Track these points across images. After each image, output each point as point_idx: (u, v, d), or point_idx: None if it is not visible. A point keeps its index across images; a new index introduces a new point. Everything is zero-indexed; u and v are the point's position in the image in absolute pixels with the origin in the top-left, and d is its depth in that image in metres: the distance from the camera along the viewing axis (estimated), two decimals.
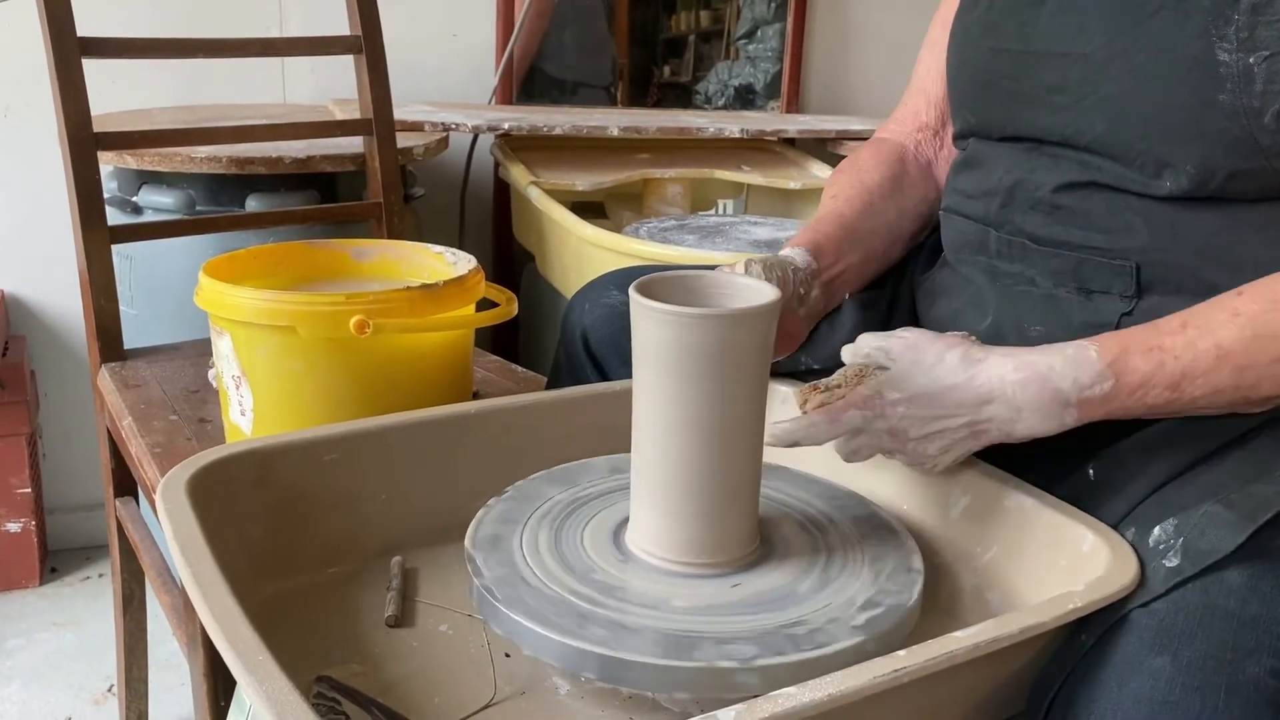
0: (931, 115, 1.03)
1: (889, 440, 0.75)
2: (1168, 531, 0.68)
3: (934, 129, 1.03)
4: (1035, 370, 0.72)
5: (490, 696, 0.68)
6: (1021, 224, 0.83)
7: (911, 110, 1.05)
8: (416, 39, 2.05)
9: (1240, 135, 0.71)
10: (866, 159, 1.02)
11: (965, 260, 0.89)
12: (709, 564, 0.72)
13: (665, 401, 0.69)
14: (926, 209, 1.02)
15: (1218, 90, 0.71)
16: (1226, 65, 0.70)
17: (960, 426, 0.74)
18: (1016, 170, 0.83)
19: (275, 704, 0.52)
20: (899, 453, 0.76)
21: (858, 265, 0.95)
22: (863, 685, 0.55)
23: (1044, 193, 0.81)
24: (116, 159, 1.58)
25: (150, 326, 1.54)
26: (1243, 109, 0.70)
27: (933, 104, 1.03)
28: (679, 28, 2.52)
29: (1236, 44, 0.70)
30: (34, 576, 1.92)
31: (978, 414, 0.73)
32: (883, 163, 1.01)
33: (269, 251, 1.07)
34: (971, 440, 0.75)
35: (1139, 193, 0.76)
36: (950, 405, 0.73)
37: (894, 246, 1.00)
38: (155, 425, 1.10)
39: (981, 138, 0.89)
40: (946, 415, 0.74)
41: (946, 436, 0.74)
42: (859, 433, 0.76)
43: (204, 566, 0.63)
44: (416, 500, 0.83)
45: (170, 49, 1.45)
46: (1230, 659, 0.61)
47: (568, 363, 1.04)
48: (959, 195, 0.90)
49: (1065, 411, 0.72)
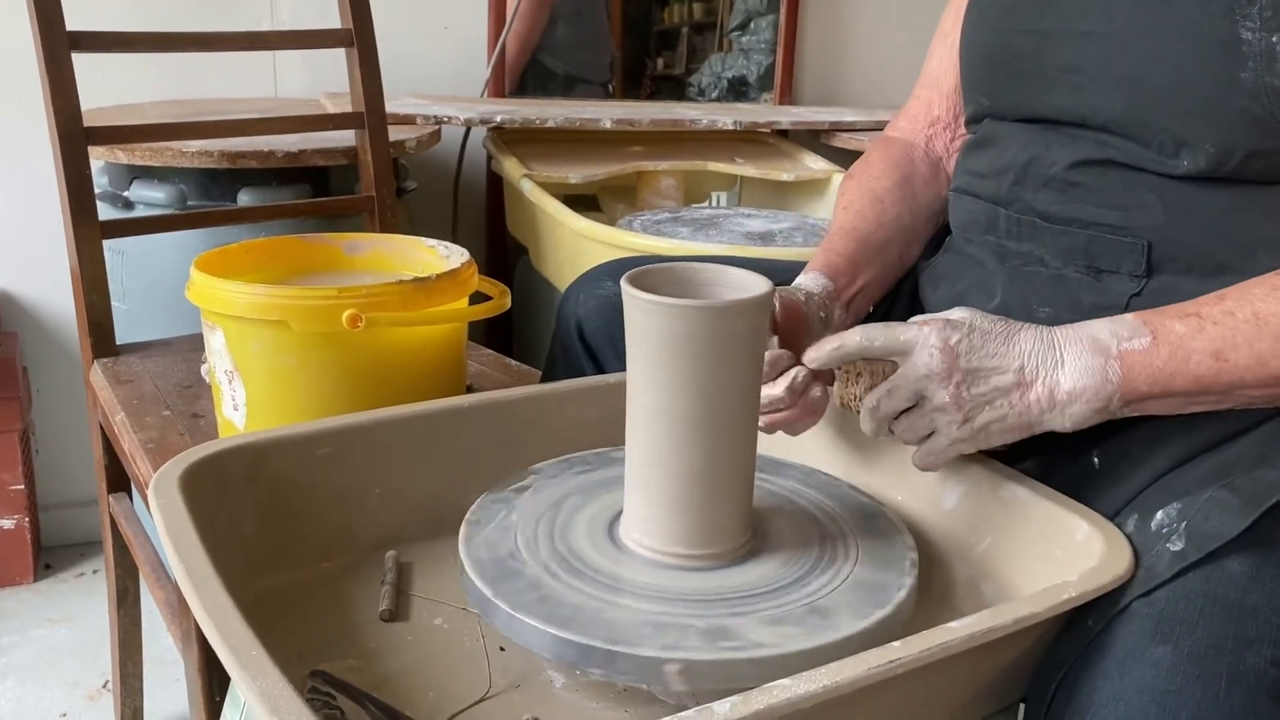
0: (944, 108, 1.02)
1: (944, 414, 0.73)
2: (1171, 516, 0.68)
3: (946, 122, 1.03)
4: (1076, 326, 0.72)
5: (485, 690, 0.68)
6: (1033, 201, 0.83)
7: (924, 103, 1.04)
8: (408, 32, 2.04)
9: (1260, 114, 0.71)
10: (876, 163, 1.01)
11: (973, 240, 0.89)
12: (703, 555, 0.72)
13: (658, 393, 0.69)
14: (940, 206, 1.01)
15: (1239, 69, 0.71)
16: (1249, 44, 0.70)
17: (1010, 385, 0.71)
18: (1031, 148, 0.83)
19: (269, 699, 0.51)
20: (949, 427, 0.73)
21: (877, 279, 0.95)
22: (858, 676, 0.55)
23: (1058, 170, 0.81)
24: (107, 154, 1.58)
25: (143, 322, 1.54)
26: (1264, 88, 0.70)
27: (945, 96, 1.02)
28: (672, 20, 2.51)
29: (1260, 23, 0.70)
30: (28, 573, 1.92)
31: (1024, 364, 0.71)
32: (892, 166, 1.00)
33: (261, 246, 1.07)
34: (1019, 400, 0.72)
35: (1155, 171, 0.76)
36: (1002, 345, 0.72)
37: (910, 248, 0.99)
38: (148, 421, 1.10)
39: (996, 119, 0.89)
40: (1000, 355, 0.72)
41: (998, 403, 0.72)
42: (922, 401, 0.73)
43: (197, 562, 0.63)
44: (410, 494, 0.83)
45: (160, 43, 1.45)
46: (1231, 648, 0.62)
47: (563, 354, 1.04)
48: (970, 175, 0.90)
49: (1108, 364, 0.70)
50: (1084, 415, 0.71)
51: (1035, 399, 0.72)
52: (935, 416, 0.73)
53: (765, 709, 0.53)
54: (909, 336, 0.73)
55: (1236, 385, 0.69)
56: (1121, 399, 0.71)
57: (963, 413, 0.72)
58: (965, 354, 0.72)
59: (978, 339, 0.72)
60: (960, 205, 0.91)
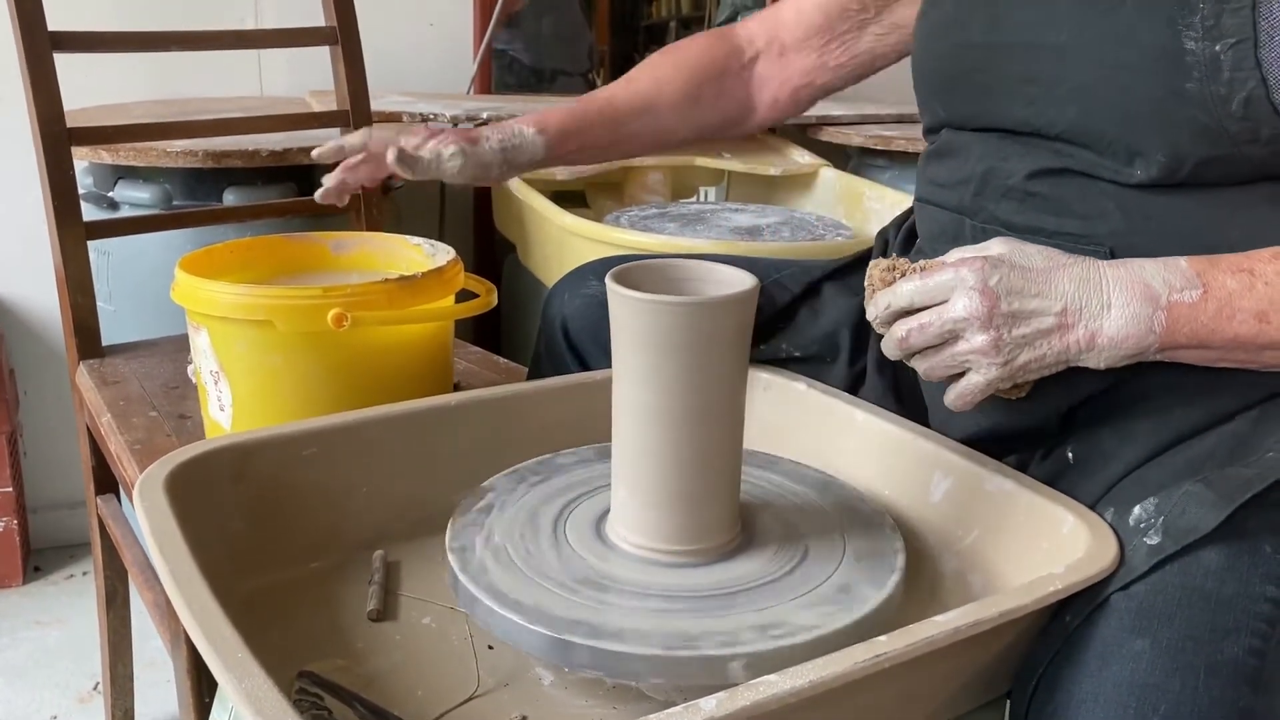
0: (791, 35, 1.04)
1: (984, 356, 0.71)
2: (1148, 510, 0.68)
3: (784, 48, 1.04)
4: (1128, 266, 0.71)
5: (474, 689, 0.68)
6: (995, 211, 0.83)
7: (774, 19, 1.05)
8: (393, 29, 2.04)
9: (1208, 123, 0.70)
10: (687, 56, 1.04)
11: (940, 250, 0.90)
12: (690, 551, 0.72)
13: (643, 390, 0.69)
14: (715, 123, 1.05)
15: (1185, 79, 0.70)
16: (1193, 54, 0.70)
17: (1052, 327, 0.70)
18: (988, 158, 0.83)
19: (254, 701, 0.51)
20: (989, 369, 0.72)
21: (598, 154, 1.00)
22: (844, 671, 0.56)
23: (1016, 180, 0.81)
24: (91, 154, 1.57)
25: (129, 322, 1.53)
26: (1210, 97, 0.70)
27: (802, 25, 1.04)
28: (659, 14, 2.51)
29: (1202, 32, 0.70)
30: (17, 575, 1.91)
31: (1068, 304, 0.70)
32: (700, 69, 1.04)
33: (246, 245, 1.07)
34: (1059, 340, 0.70)
35: (1111, 180, 0.76)
36: (1045, 285, 0.71)
37: (650, 149, 1.05)
38: (134, 422, 1.09)
39: (953, 128, 0.89)
40: (1042, 295, 0.70)
41: (1038, 343, 0.71)
42: (954, 339, 0.72)
43: (182, 564, 0.63)
44: (398, 493, 0.83)
45: (143, 42, 1.44)
46: (1209, 640, 0.62)
47: (548, 353, 1.04)
48: (932, 185, 0.90)
49: (1155, 314, 0.69)
50: (1118, 359, 0.71)
51: (1075, 340, 0.70)
52: (972, 358, 0.72)
53: (751, 705, 0.53)
54: (945, 280, 0.71)
55: (1270, 346, 0.69)
56: (1159, 348, 0.70)
57: (1003, 355, 0.71)
58: (1005, 295, 0.70)
59: (1018, 278, 0.71)
60: (926, 215, 0.91)
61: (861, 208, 1.85)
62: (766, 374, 0.94)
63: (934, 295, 0.72)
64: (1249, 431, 0.72)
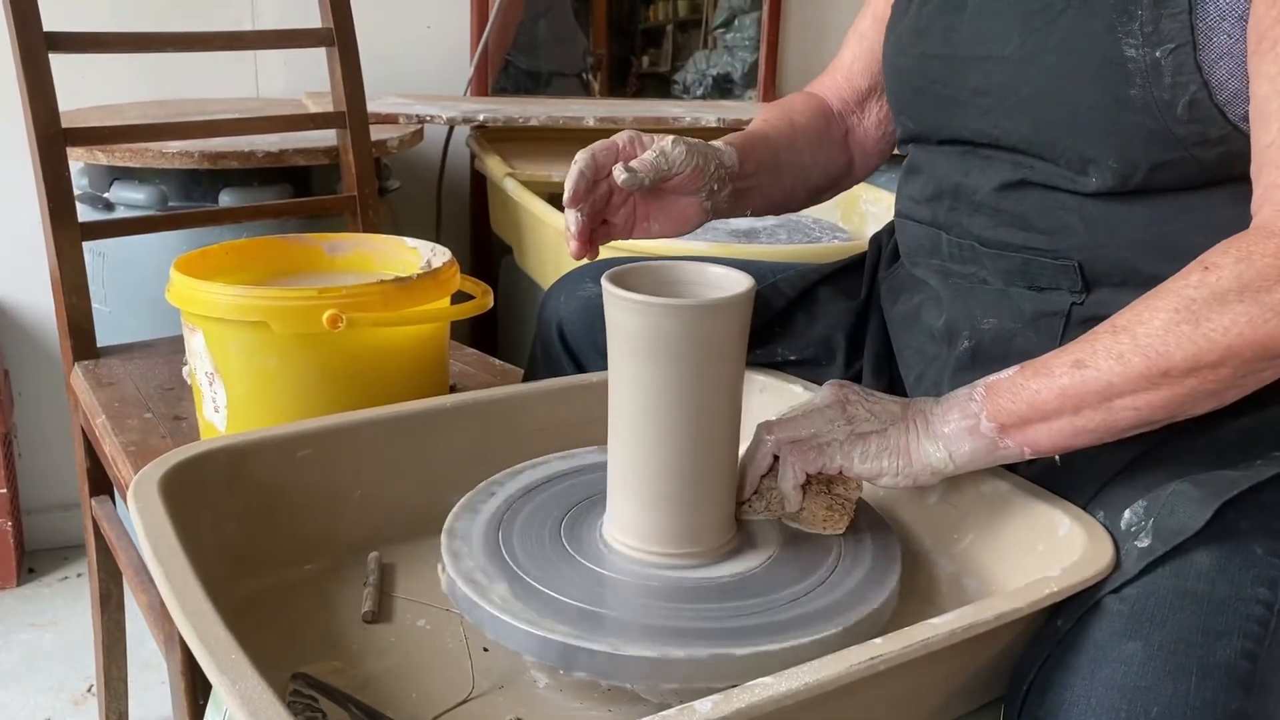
0: (851, 93, 1.05)
1: (830, 452, 0.73)
2: (1138, 514, 0.68)
3: (853, 105, 1.05)
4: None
5: (468, 691, 0.68)
6: (969, 226, 0.83)
7: (832, 82, 1.06)
8: (391, 31, 2.04)
9: (1156, 128, 0.70)
10: (799, 104, 1.04)
11: (919, 264, 0.90)
12: (686, 554, 0.72)
13: (639, 392, 0.69)
14: (835, 171, 1.04)
15: (1129, 85, 0.70)
16: (1134, 61, 0.70)
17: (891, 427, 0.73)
18: (954, 174, 0.84)
19: (249, 703, 0.51)
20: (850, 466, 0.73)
21: (767, 187, 0.96)
22: (840, 674, 0.55)
23: (984, 195, 0.81)
24: (87, 155, 1.57)
25: (124, 324, 1.53)
26: (1155, 102, 0.70)
27: (854, 85, 1.04)
28: (656, 18, 2.51)
29: (1142, 39, 0.70)
30: (11, 577, 1.91)
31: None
32: (814, 113, 1.03)
33: (242, 247, 1.06)
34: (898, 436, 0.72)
35: (1070, 190, 0.76)
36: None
37: (797, 192, 1.01)
38: (129, 424, 1.09)
39: (920, 143, 0.90)
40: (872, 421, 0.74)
41: (884, 437, 0.73)
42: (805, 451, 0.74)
43: (176, 566, 0.62)
44: (392, 495, 0.83)
45: (139, 43, 1.44)
46: (1201, 642, 0.62)
47: (544, 356, 1.04)
48: (908, 201, 0.90)
49: (973, 389, 0.71)
50: (956, 434, 0.70)
51: (918, 433, 0.72)
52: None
53: (747, 707, 0.53)
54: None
55: (1108, 392, 0.66)
56: (989, 416, 0.69)
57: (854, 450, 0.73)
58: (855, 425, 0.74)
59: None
60: (905, 230, 0.91)
61: (858, 211, 1.85)
62: (763, 376, 0.94)
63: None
64: (1240, 440, 0.72)
